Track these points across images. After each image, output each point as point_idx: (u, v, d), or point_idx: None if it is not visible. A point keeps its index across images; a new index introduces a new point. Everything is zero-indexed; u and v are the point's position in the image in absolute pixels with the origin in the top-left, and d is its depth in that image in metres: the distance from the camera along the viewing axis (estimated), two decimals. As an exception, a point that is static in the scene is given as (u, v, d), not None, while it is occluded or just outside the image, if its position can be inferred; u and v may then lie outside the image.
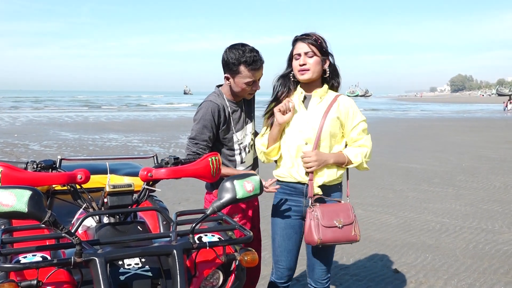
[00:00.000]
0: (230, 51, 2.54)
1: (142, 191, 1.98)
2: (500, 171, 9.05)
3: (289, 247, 2.52)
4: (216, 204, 1.71)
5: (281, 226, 2.51)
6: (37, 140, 13.99)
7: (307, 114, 2.45)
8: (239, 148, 2.69)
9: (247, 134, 2.73)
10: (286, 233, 2.51)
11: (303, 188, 2.44)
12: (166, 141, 14.21)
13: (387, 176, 8.52)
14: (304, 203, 2.46)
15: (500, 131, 17.99)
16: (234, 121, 2.66)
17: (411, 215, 5.89)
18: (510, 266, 4.15)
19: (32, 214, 1.36)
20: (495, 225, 5.46)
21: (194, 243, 1.69)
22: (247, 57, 2.50)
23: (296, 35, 2.49)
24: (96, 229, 1.82)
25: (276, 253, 2.57)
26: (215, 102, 2.60)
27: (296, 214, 2.49)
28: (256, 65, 2.52)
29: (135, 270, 1.67)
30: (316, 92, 2.48)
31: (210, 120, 2.57)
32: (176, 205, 6.14)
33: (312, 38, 2.42)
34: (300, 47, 2.43)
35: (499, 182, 7.97)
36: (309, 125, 2.42)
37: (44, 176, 1.73)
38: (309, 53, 2.41)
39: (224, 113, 2.61)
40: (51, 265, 1.47)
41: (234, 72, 2.54)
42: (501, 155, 11.40)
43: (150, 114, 31.22)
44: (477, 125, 21.83)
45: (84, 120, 24.55)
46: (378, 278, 3.90)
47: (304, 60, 2.41)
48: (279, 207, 2.52)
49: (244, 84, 2.55)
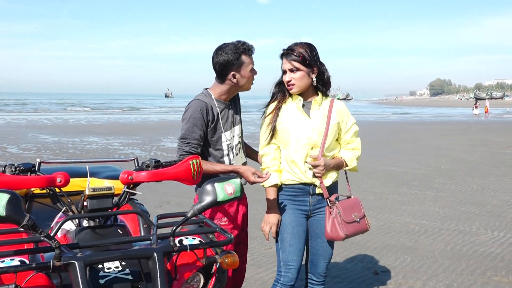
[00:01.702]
0: (223, 51, 2.58)
1: (122, 194, 1.97)
2: (477, 174, 9.21)
3: (299, 245, 2.58)
4: (196, 207, 1.71)
5: (292, 225, 2.57)
6: (15, 143, 13.77)
7: (312, 122, 2.55)
8: (227, 149, 2.68)
9: (235, 135, 2.73)
10: (297, 231, 2.57)
11: (310, 188, 2.56)
12: (147, 144, 14.12)
13: (367, 179, 8.61)
14: (311, 202, 2.58)
15: (476, 135, 18.32)
16: (223, 120, 2.66)
17: (391, 217, 5.97)
18: (487, 267, 4.23)
19: (10, 218, 1.35)
20: (473, 226, 5.56)
21: (174, 246, 1.69)
22: (243, 47, 2.60)
23: (283, 49, 2.59)
24: (76, 233, 1.80)
25: (287, 252, 2.58)
26: (203, 100, 2.60)
27: (303, 213, 2.60)
28: (253, 50, 2.65)
29: (115, 274, 1.66)
30: (315, 100, 2.59)
31: (200, 118, 2.55)
32: (157, 208, 6.10)
33: (294, 53, 2.51)
34: (285, 63, 2.55)
35: (476, 185, 8.12)
36: (315, 132, 2.53)
37: (23, 179, 1.71)
38: (293, 69, 2.53)
39: (212, 112, 2.61)
40: (29, 269, 1.46)
41: (238, 66, 2.59)
42: (478, 158, 11.61)
43: (131, 117, 30.99)
44: (455, 128, 22.19)
45: (64, 122, 24.23)
46: (359, 280, 3.94)
47: (289, 77, 2.54)
48: (287, 208, 2.59)
49: (250, 72, 2.64)
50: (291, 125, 2.55)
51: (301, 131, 2.54)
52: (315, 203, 2.60)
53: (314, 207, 2.60)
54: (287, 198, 2.60)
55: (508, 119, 31.41)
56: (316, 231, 2.64)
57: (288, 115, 2.58)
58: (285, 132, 2.56)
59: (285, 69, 2.55)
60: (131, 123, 24.33)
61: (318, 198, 2.59)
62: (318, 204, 2.60)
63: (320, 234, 2.61)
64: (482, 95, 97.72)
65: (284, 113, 2.59)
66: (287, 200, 2.60)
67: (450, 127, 23.39)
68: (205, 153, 2.66)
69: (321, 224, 2.59)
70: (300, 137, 2.53)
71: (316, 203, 2.60)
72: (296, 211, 2.58)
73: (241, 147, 2.81)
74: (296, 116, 2.57)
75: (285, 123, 2.56)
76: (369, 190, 7.62)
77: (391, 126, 24.56)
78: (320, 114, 2.58)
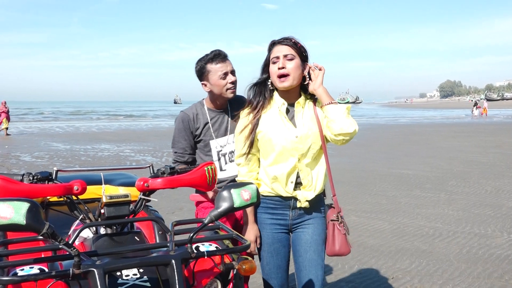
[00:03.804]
0: (197, 62, 2.74)
1: (138, 201, 1.97)
2: (490, 176, 9.12)
3: (278, 262, 2.36)
4: (213, 213, 1.71)
5: (268, 242, 2.36)
6: (28, 151, 13.90)
7: (297, 130, 2.27)
8: (217, 155, 2.77)
9: (230, 143, 2.77)
10: (274, 248, 2.35)
11: (290, 202, 2.33)
12: (158, 150, 14.18)
13: (379, 182, 8.55)
14: (291, 216, 2.35)
15: (489, 136, 18.15)
16: (213, 127, 2.76)
17: (405, 221, 5.92)
18: (504, 270, 4.17)
19: (30, 227, 1.35)
20: (488, 229, 5.49)
21: (192, 252, 1.68)
22: (209, 56, 2.68)
23: (273, 39, 2.30)
24: (93, 240, 1.80)
25: (265, 271, 2.39)
26: (186, 112, 2.78)
27: (282, 228, 2.36)
28: (218, 57, 2.67)
29: (134, 281, 1.66)
30: (298, 103, 2.31)
31: (182, 129, 2.75)
32: (170, 214, 6.12)
33: (291, 41, 2.25)
34: (279, 49, 2.25)
35: (490, 187, 8.03)
36: (301, 140, 2.26)
37: (41, 187, 1.72)
38: (288, 55, 2.22)
39: (199, 120, 2.75)
40: (49, 277, 1.46)
41: (206, 74, 2.69)
42: (491, 159, 11.49)
43: (142, 124, 31.14)
44: (466, 130, 22.01)
45: (76, 130, 24.42)
46: (374, 284, 3.90)
47: (283, 63, 2.21)
48: (263, 222, 2.37)
49: (219, 79, 2.66)
50: (274, 135, 2.26)
51: (284, 141, 2.24)
52: (295, 217, 2.34)
53: (294, 221, 2.35)
54: (265, 211, 2.35)
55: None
56: (297, 248, 2.38)
57: (269, 122, 2.29)
58: (266, 143, 2.28)
59: (279, 55, 2.22)
60: (142, 130, 24.46)
61: (299, 213, 2.34)
62: (299, 218, 2.35)
63: (302, 251, 2.36)
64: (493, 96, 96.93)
65: (264, 119, 2.30)
66: (265, 213, 2.36)
67: (461, 128, 23.20)
68: (197, 158, 2.82)
69: (302, 240, 2.36)
70: (284, 149, 2.25)
71: (297, 218, 2.35)
72: (274, 226, 2.34)
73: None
74: (278, 124, 2.27)
75: (266, 131, 2.27)
76: (382, 193, 7.57)
77: (401, 128, 24.41)
78: (306, 118, 2.29)
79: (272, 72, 2.27)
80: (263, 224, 2.37)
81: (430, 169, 10.06)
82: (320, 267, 2.38)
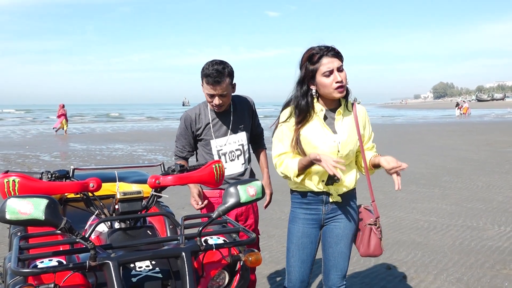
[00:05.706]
0: (202, 68, 2.62)
1: (150, 197, 1.97)
2: (482, 172, 9.06)
3: (303, 257, 2.33)
4: (221, 208, 1.71)
5: (297, 235, 2.32)
6: (47, 151, 13.95)
7: (337, 136, 2.24)
8: (218, 154, 2.74)
9: (231, 143, 2.74)
10: (302, 242, 2.32)
11: (323, 197, 2.29)
12: (168, 149, 14.18)
13: (376, 178, 8.49)
14: (324, 211, 2.31)
15: (480, 135, 18.04)
16: (214, 128, 2.72)
17: (401, 215, 5.89)
18: (496, 260, 4.14)
19: (49, 222, 1.36)
20: (480, 222, 5.46)
21: (201, 245, 1.69)
22: (208, 71, 2.53)
23: (317, 50, 2.16)
24: (108, 234, 1.81)
25: (290, 263, 2.37)
26: (189, 113, 2.77)
27: (314, 223, 2.32)
28: (210, 79, 2.52)
29: (146, 272, 1.66)
30: (339, 111, 2.27)
31: (184, 128, 2.78)
32: (179, 209, 6.12)
33: (335, 50, 2.16)
34: (331, 62, 2.14)
35: (482, 182, 7.99)
36: (340, 146, 2.23)
37: (59, 185, 1.73)
38: (340, 67, 2.16)
39: (201, 120, 2.73)
40: (67, 269, 1.46)
41: (202, 83, 2.63)
42: (482, 156, 11.43)
43: (153, 125, 31.19)
44: (458, 129, 21.90)
45: (91, 131, 24.50)
46: (372, 275, 3.89)
47: (340, 76, 2.15)
48: (297, 216, 2.34)
49: (206, 94, 2.63)
50: (313, 139, 2.22)
51: (323, 145, 2.21)
52: (328, 211, 2.31)
53: (326, 215, 2.32)
54: (299, 206, 2.33)
55: (509, 119, 30.92)
56: (328, 239, 2.36)
57: (309, 127, 2.24)
58: (305, 146, 2.23)
59: (332, 69, 2.14)
60: (153, 131, 24.48)
61: (332, 207, 2.31)
62: (332, 213, 2.32)
63: (332, 243, 2.35)
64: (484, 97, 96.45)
65: (305, 126, 2.25)
66: (299, 208, 2.33)
67: (454, 127, 23.09)
68: (199, 155, 2.83)
69: (334, 233, 2.34)
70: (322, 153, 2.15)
71: (330, 212, 2.32)
72: (306, 221, 2.31)
73: (241, 155, 2.79)
74: (318, 129, 2.23)
75: (305, 135, 2.23)
76: (379, 189, 7.54)
77: (397, 128, 24.31)
78: (345, 124, 2.27)
79: (326, 84, 2.17)
80: (296, 218, 2.35)
81: (425, 166, 10.02)
82: (348, 259, 2.40)
